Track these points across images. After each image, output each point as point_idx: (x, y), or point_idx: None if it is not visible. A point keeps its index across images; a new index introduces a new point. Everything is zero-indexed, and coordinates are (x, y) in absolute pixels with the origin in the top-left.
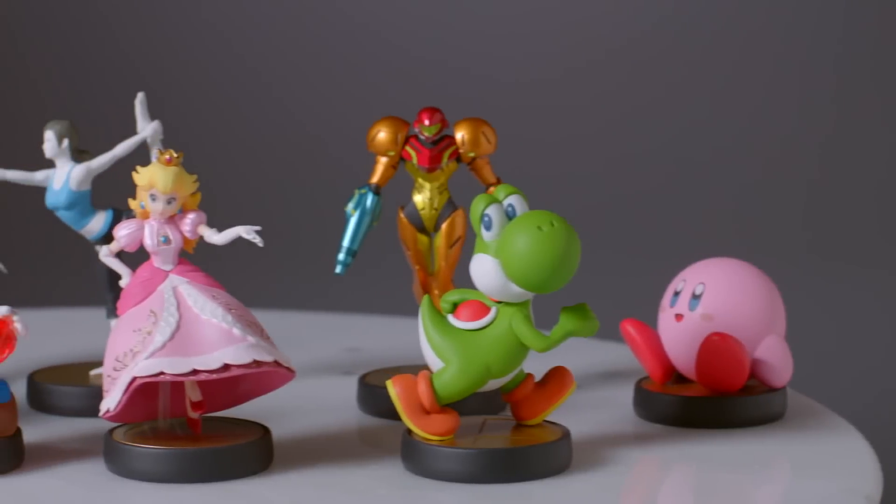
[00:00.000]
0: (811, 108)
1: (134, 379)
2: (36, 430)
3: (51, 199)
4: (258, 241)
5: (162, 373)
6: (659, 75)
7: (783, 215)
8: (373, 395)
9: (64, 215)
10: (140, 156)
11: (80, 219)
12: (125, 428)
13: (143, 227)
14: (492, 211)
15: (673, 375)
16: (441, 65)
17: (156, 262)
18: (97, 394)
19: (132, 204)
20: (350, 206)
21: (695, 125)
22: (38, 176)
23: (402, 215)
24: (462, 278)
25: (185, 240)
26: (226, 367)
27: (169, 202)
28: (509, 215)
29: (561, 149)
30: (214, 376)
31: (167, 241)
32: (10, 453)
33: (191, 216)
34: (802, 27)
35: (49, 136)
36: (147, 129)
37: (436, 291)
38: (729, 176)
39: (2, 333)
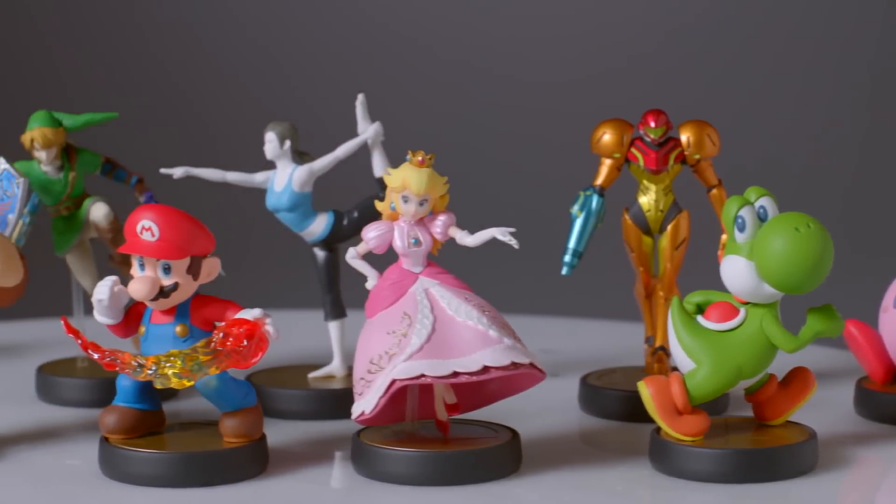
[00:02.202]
0: None
1: (393, 381)
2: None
3: (272, 201)
4: (513, 242)
5: (422, 375)
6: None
7: None
8: (596, 395)
9: (285, 217)
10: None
11: (301, 221)
12: (371, 431)
13: (393, 229)
14: (745, 213)
15: (894, 375)
16: (466, 65)
17: (405, 263)
18: (317, 397)
19: (380, 206)
20: (575, 207)
21: None
22: (259, 178)
23: (627, 217)
24: (686, 279)
25: (433, 241)
26: (485, 368)
27: (421, 204)
28: (761, 217)
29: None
30: (474, 378)
31: (418, 242)
32: (257, 457)
33: (441, 218)
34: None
35: (270, 138)
36: (369, 130)
37: (660, 293)
38: None
39: (254, 335)
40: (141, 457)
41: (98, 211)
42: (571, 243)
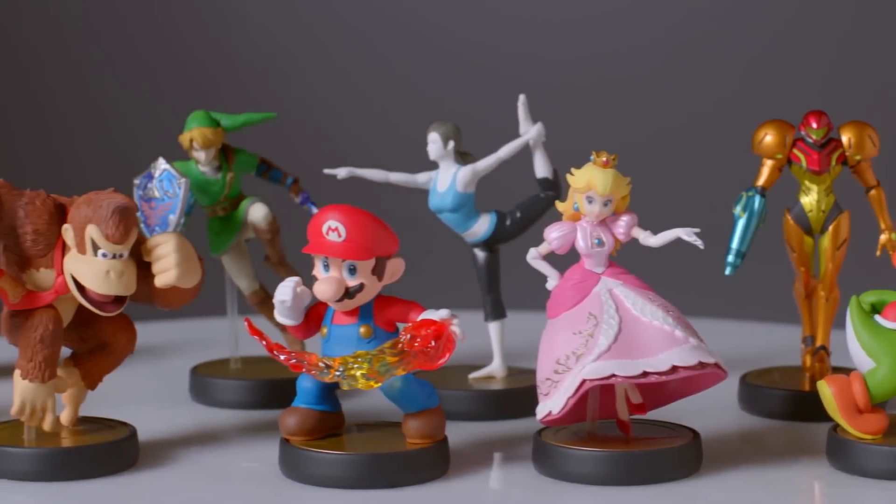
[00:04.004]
0: None
1: (583, 382)
2: None
3: (435, 202)
4: (699, 242)
5: (613, 375)
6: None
7: None
8: (758, 394)
9: (448, 218)
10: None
11: (464, 221)
12: (551, 431)
13: (576, 230)
14: None
15: None
16: (490, 69)
17: (587, 264)
18: (479, 397)
19: (561, 206)
20: (738, 208)
21: None
22: (421, 178)
23: (789, 217)
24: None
25: (615, 242)
26: (674, 368)
27: (605, 204)
28: None
29: None
30: (663, 378)
31: (601, 243)
32: (439, 459)
33: (624, 218)
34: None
35: (434, 138)
36: (531, 131)
37: (821, 293)
38: None
39: (441, 336)
40: (325, 458)
41: (257, 212)
42: (734, 243)
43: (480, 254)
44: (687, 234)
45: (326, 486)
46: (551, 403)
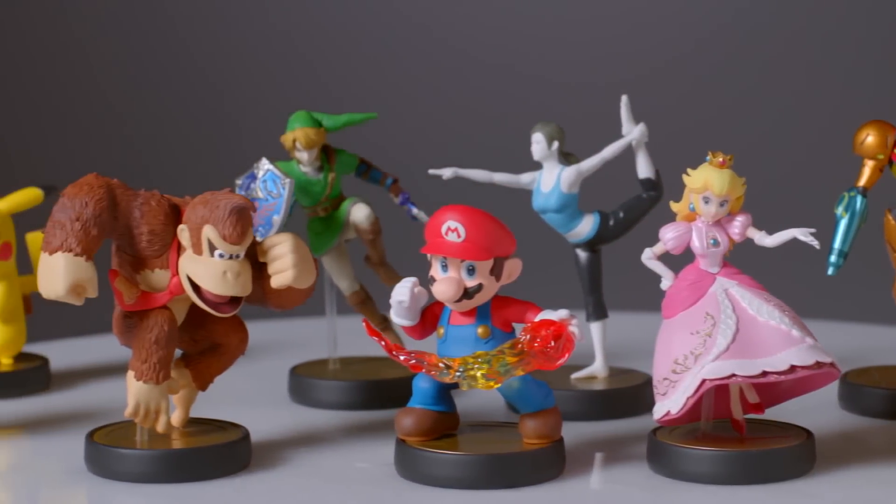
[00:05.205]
0: None
1: (703, 381)
2: None
3: (539, 202)
4: (815, 243)
5: (733, 375)
6: None
7: None
8: (859, 393)
9: (552, 218)
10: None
11: (568, 222)
12: (665, 431)
13: (691, 230)
14: None
15: None
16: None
17: (702, 264)
18: (581, 397)
19: (676, 207)
20: (840, 208)
21: None
22: (525, 179)
23: (890, 217)
24: None
25: (730, 242)
26: (792, 368)
27: (721, 205)
28: None
29: None
30: (782, 378)
31: (716, 243)
32: (557, 459)
33: (739, 218)
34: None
35: (538, 139)
36: (634, 131)
37: None
38: None
39: (561, 336)
40: (443, 458)
41: (360, 212)
42: (837, 243)
43: (583, 254)
44: (803, 234)
45: (444, 487)
46: (669, 403)
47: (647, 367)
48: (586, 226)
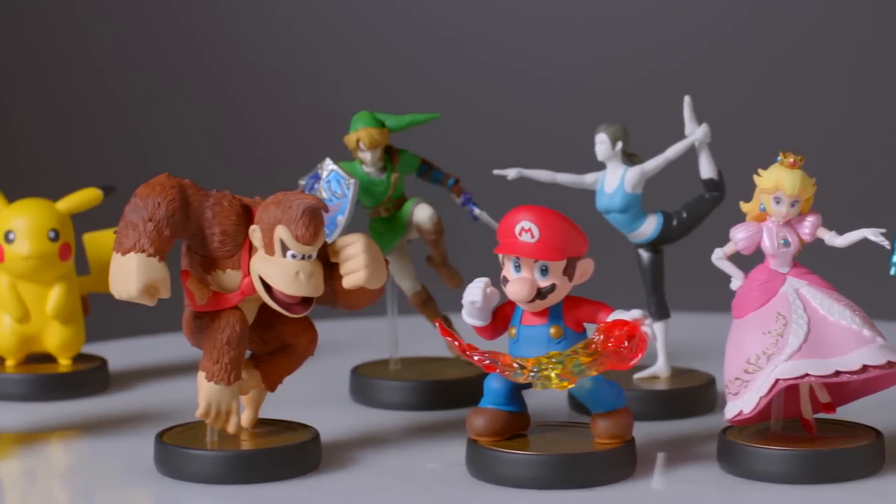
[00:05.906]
0: None
1: (776, 381)
2: None
3: (603, 202)
4: (885, 243)
5: (806, 374)
6: None
7: None
8: None
9: (616, 218)
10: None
11: (632, 222)
12: (735, 430)
13: (762, 230)
14: None
15: None
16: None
17: (772, 264)
18: (644, 397)
19: (746, 207)
20: None
21: None
22: (588, 179)
23: None
24: None
25: (800, 242)
26: (864, 368)
27: (792, 205)
28: None
29: None
30: (854, 378)
31: (787, 243)
32: (628, 458)
33: (810, 219)
34: None
35: (602, 139)
36: (697, 132)
37: None
38: None
39: (634, 336)
40: (516, 459)
41: (423, 212)
42: None
43: (645, 254)
44: (873, 234)
45: (515, 486)
46: (742, 403)
47: (708, 367)
48: (650, 226)
